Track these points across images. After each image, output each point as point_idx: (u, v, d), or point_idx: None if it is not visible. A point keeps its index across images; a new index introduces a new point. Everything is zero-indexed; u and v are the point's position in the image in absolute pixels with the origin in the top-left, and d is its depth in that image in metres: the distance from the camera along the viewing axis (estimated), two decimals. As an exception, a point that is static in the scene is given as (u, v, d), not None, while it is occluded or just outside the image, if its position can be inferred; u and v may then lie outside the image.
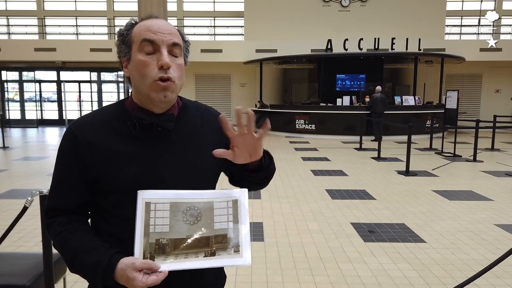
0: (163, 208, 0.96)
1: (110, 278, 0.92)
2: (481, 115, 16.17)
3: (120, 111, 1.06)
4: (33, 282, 1.98)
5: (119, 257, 0.93)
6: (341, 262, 3.27)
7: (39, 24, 17.64)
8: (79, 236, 1.00)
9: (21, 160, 8.44)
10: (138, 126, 1.03)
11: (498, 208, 4.85)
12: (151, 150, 1.03)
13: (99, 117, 1.07)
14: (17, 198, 5.18)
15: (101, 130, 1.03)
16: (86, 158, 1.01)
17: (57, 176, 1.05)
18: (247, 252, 0.95)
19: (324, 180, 6.42)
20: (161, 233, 0.94)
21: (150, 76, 0.99)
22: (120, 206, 1.00)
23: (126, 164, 1.00)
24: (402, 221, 4.36)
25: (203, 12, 17.62)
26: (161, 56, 0.99)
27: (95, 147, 1.01)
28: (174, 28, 1.04)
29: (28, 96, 18.32)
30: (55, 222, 1.03)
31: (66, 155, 1.03)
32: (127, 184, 0.99)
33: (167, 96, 1.00)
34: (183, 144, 1.07)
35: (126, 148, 1.01)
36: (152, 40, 0.99)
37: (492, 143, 10.16)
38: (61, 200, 1.04)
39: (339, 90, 14.76)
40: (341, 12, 16.23)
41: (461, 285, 2.52)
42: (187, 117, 1.10)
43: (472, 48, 15.65)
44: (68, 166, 1.03)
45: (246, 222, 0.99)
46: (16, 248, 3.56)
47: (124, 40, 1.04)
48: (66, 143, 1.04)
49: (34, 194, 2.02)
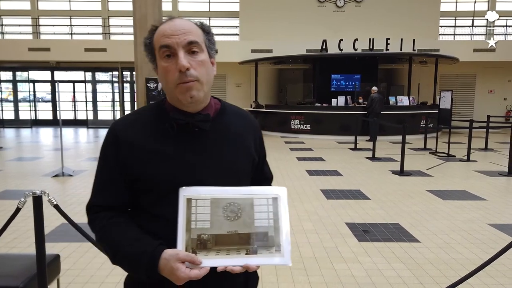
0: (204, 204, 0.98)
1: (154, 268, 0.94)
2: (474, 115, 16.27)
3: (160, 112, 1.09)
4: (26, 283, 1.97)
5: (163, 248, 0.95)
6: (335, 262, 3.29)
7: (33, 24, 17.52)
8: (123, 229, 1.03)
9: (15, 160, 8.38)
10: (176, 127, 1.04)
11: (491, 208, 4.88)
12: (189, 150, 1.05)
13: (139, 117, 1.09)
14: (10, 199, 5.14)
15: (141, 130, 1.06)
16: (126, 157, 1.03)
17: (100, 174, 1.09)
18: (288, 252, 0.96)
19: (319, 180, 6.44)
20: (203, 228, 0.96)
21: (172, 81, 1.01)
22: (159, 205, 1.03)
23: (165, 163, 1.03)
24: (396, 221, 4.38)
25: (198, 12, 17.59)
26: (178, 59, 1.00)
27: (135, 146, 1.03)
28: (190, 25, 1.04)
29: (22, 96, 18.20)
30: (98, 217, 1.06)
31: (108, 155, 1.07)
32: (165, 183, 1.02)
33: (193, 96, 1.02)
34: (220, 145, 1.09)
35: (165, 148, 1.04)
36: (167, 45, 1.00)
37: (486, 143, 10.24)
38: (103, 198, 1.07)
39: (334, 90, 14.80)
40: (336, 13, 16.28)
41: (455, 284, 2.54)
42: (225, 119, 1.12)
43: (466, 48, 15.75)
44: (109, 165, 1.06)
45: (286, 221, 0.99)
46: (10, 249, 3.53)
47: (148, 47, 1.07)
48: (107, 143, 1.07)
49: (27, 195, 2.01)
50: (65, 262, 3.17)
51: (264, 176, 1.27)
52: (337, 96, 13.31)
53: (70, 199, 5.14)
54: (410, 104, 13.14)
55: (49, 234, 3.84)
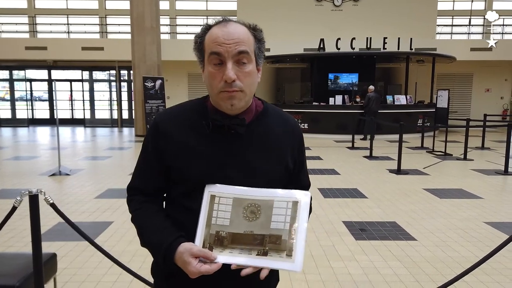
0: (226, 202, 1.01)
1: (170, 258, 1.00)
2: (471, 114, 16.33)
3: (201, 109, 1.12)
4: (22, 282, 1.96)
5: (181, 241, 1.01)
6: (332, 260, 3.29)
7: (29, 23, 17.45)
8: (151, 215, 1.10)
9: (11, 159, 8.36)
10: (212, 127, 1.06)
11: (488, 206, 4.91)
12: (221, 150, 1.07)
13: (182, 111, 1.14)
14: (7, 198, 5.13)
15: (181, 124, 1.10)
16: (163, 147, 1.09)
17: (141, 159, 1.17)
18: (300, 257, 0.94)
19: (317, 179, 6.45)
20: (222, 225, 0.98)
21: (216, 87, 1.03)
22: (187, 198, 1.08)
23: (197, 159, 1.07)
24: (393, 219, 4.40)
25: (196, 11, 17.56)
26: (225, 70, 1.01)
27: (172, 138, 1.09)
28: (243, 32, 1.03)
29: (18, 95, 18.13)
30: (134, 200, 1.16)
31: (148, 143, 1.14)
32: (194, 177, 1.06)
33: (234, 105, 1.05)
34: (254, 150, 1.09)
35: (199, 144, 1.07)
36: (218, 52, 1.01)
37: (482, 142, 10.28)
38: (141, 182, 1.16)
39: (331, 89, 14.82)
40: (334, 12, 16.28)
41: (451, 282, 2.56)
42: (264, 123, 1.13)
43: (463, 47, 15.79)
44: (149, 152, 1.13)
45: (303, 227, 0.97)
46: (6, 248, 3.53)
47: (199, 47, 1.08)
48: (150, 132, 1.14)
49: (23, 194, 2.00)
50: (61, 261, 3.16)
51: (299, 184, 1.24)
52: (335, 95, 13.32)
53: (67, 198, 5.13)
54: (407, 103, 13.17)
55: (45, 233, 3.83)
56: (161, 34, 13.28)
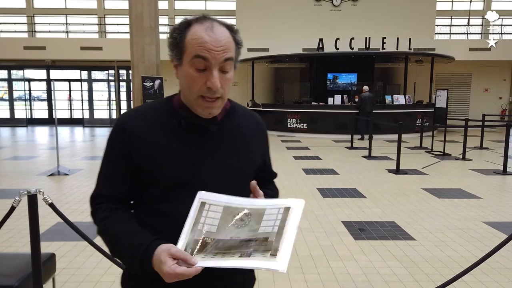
0: (216, 210, 0.98)
1: (147, 261, 0.93)
2: (470, 114, 16.36)
3: (169, 107, 1.08)
4: (21, 282, 1.96)
5: (159, 242, 0.95)
6: (331, 260, 3.30)
7: (28, 22, 17.43)
8: (123, 221, 1.03)
9: (10, 159, 8.34)
10: (183, 125, 1.05)
11: (486, 206, 4.91)
12: (194, 149, 1.05)
13: (148, 110, 1.08)
14: (5, 198, 5.12)
15: (149, 123, 1.05)
16: (132, 148, 1.03)
17: (105, 165, 1.08)
18: (285, 258, 0.88)
19: (315, 178, 6.45)
20: (208, 232, 0.94)
21: (196, 92, 1.00)
22: (162, 201, 1.03)
23: (170, 159, 1.02)
24: (392, 219, 4.40)
25: (195, 11, 17.54)
26: (212, 78, 0.98)
27: (141, 139, 1.03)
28: (228, 37, 1.00)
29: (17, 95, 18.10)
30: (101, 208, 1.05)
31: (114, 146, 1.06)
32: (168, 178, 1.02)
33: (212, 113, 1.04)
34: (226, 148, 1.09)
35: (171, 143, 1.03)
36: (204, 57, 0.97)
37: (481, 142, 10.29)
38: (108, 188, 1.07)
39: (330, 89, 14.83)
40: (333, 12, 16.29)
41: (450, 281, 2.56)
42: (233, 120, 1.12)
43: (462, 47, 15.82)
44: (115, 156, 1.06)
45: (292, 230, 0.93)
46: (5, 248, 3.52)
47: (177, 44, 1.02)
48: (114, 134, 1.07)
49: (22, 194, 2.00)
50: (60, 261, 3.16)
51: (268, 176, 1.28)
52: (334, 95, 13.33)
53: (65, 198, 5.12)
54: (406, 103, 13.19)
55: (44, 233, 3.83)
56: (160, 34, 13.27)
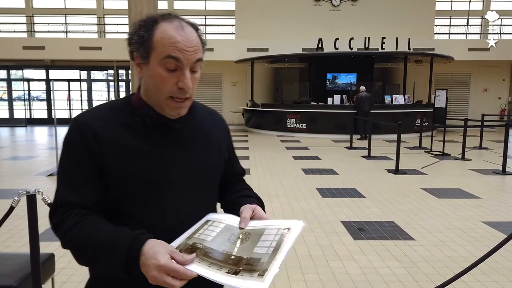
0: (218, 226, 0.99)
1: (135, 254, 0.85)
2: (469, 114, 16.37)
3: (128, 107, 1.05)
4: (20, 282, 1.96)
5: (149, 235, 0.88)
6: (331, 260, 3.30)
7: (27, 22, 17.41)
8: (98, 223, 0.94)
9: (9, 159, 8.33)
10: (147, 123, 1.02)
11: (486, 206, 4.92)
12: (160, 148, 1.02)
13: (105, 111, 1.04)
14: (4, 198, 5.11)
15: (109, 123, 1.01)
16: (95, 150, 0.97)
17: (67, 171, 0.99)
18: (270, 277, 0.84)
19: (315, 178, 6.45)
20: (202, 239, 0.93)
21: (165, 92, 0.98)
22: (127, 203, 0.99)
23: (136, 158, 0.99)
24: (391, 219, 4.40)
25: (194, 10, 17.55)
26: (184, 79, 0.97)
27: (104, 139, 0.98)
28: (196, 37, 1.00)
29: (16, 95, 18.08)
30: (69, 216, 0.94)
31: (75, 149, 0.98)
32: (135, 178, 0.98)
33: (180, 113, 1.03)
34: (191, 144, 1.08)
35: (136, 143, 1.00)
36: (177, 58, 0.96)
37: (480, 142, 10.30)
38: (74, 195, 0.97)
39: (329, 89, 14.84)
40: (332, 12, 16.29)
41: (449, 281, 2.56)
42: (195, 117, 1.11)
43: (461, 47, 15.83)
44: (78, 158, 0.98)
45: (285, 251, 0.90)
46: (4, 248, 3.52)
47: (143, 42, 0.98)
48: (73, 137, 0.99)
49: (21, 194, 2.00)
50: (60, 261, 3.15)
51: (236, 172, 1.27)
52: (333, 95, 13.34)
53: (65, 198, 5.12)
54: (405, 103, 13.19)
55: (43, 233, 3.82)
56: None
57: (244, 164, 8.13)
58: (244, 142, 11.52)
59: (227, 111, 16.30)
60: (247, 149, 10.02)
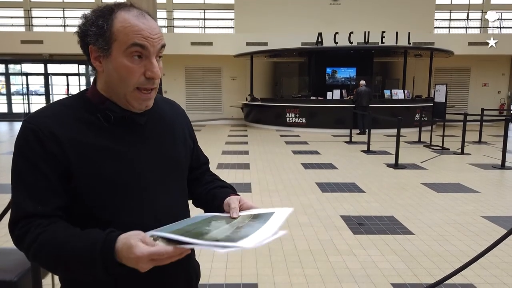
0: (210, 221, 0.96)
1: (110, 252, 0.81)
2: (469, 108, 16.35)
3: (84, 103, 0.98)
4: (20, 277, 1.96)
5: (119, 232, 0.84)
6: (330, 255, 3.30)
7: (25, 16, 17.30)
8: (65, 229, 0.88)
9: (7, 154, 8.32)
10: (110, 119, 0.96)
11: (485, 200, 4.92)
12: (126, 142, 0.98)
13: (58, 109, 0.96)
14: (3, 193, 5.10)
15: (66, 121, 0.93)
16: (53, 151, 0.89)
17: (24, 177, 0.90)
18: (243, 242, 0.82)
19: (314, 173, 6.45)
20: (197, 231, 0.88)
21: (132, 83, 0.94)
22: (96, 206, 0.93)
23: (101, 156, 0.93)
24: (390, 213, 4.41)
25: (193, 4, 17.45)
26: (152, 67, 0.94)
27: (61, 139, 0.90)
28: (158, 26, 0.98)
29: (14, 89, 18.01)
30: (32, 227, 0.87)
31: (31, 154, 0.89)
32: (104, 179, 0.93)
33: (148, 106, 0.99)
34: (156, 136, 1.05)
35: (99, 140, 0.94)
36: (143, 46, 0.92)
37: (480, 136, 10.30)
38: (35, 205, 0.88)
39: (329, 84, 14.80)
40: (332, 5, 16.21)
41: (448, 276, 2.56)
42: (157, 109, 1.08)
43: (461, 42, 15.78)
44: (35, 163, 0.89)
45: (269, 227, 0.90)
46: (3, 243, 3.52)
47: (103, 32, 0.92)
48: (28, 140, 0.90)
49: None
50: (59, 256, 3.15)
51: (200, 161, 1.25)
52: (332, 90, 13.32)
53: (64, 192, 5.12)
54: (405, 97, 13.18)
55: (43, 228, 3.82)
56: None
57: (243, 159, 8.09)
58: (243, 136, 11.51)
59: (226, 105, 16.27)
60: (246, 143, 10.02)
